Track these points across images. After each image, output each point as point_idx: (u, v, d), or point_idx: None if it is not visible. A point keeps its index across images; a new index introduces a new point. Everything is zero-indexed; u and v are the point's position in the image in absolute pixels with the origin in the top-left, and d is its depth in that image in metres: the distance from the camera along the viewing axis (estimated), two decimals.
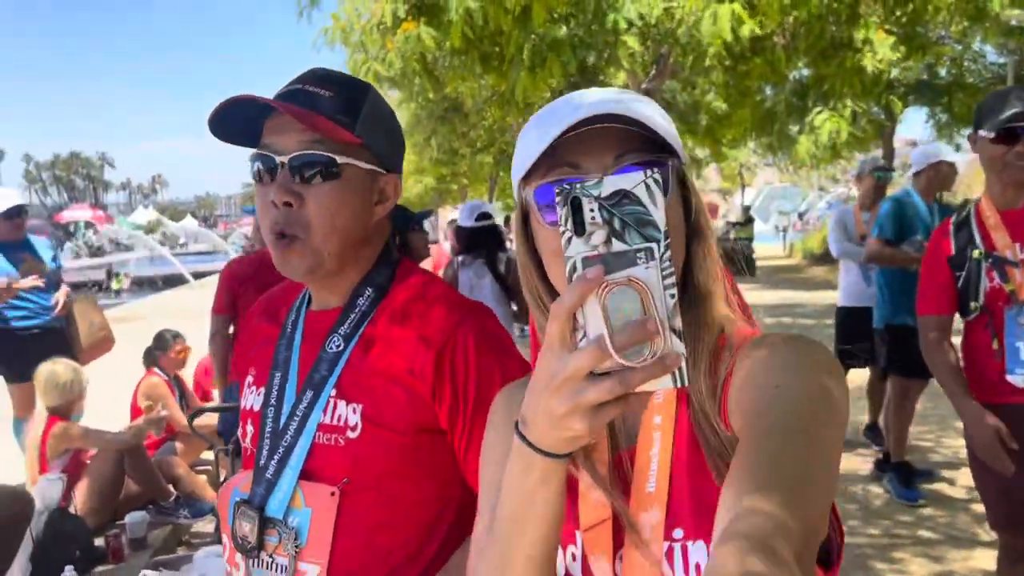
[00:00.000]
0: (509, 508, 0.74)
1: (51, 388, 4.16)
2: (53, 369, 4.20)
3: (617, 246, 0.66)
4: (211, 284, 4.38)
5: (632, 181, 0.66)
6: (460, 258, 4.66)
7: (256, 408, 1.19)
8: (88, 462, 4.26)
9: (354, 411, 1.10)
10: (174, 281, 23.27)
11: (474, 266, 4.56)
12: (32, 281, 4.59)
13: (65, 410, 4.15)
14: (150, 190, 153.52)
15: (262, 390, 1.19)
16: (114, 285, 24.97)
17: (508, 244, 5.40)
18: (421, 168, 20.55)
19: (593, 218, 0.66)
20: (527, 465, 0.70)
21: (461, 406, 1.11)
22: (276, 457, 1.11)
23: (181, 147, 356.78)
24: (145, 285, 25.07)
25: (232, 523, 1.13)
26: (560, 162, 0.80)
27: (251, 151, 1.15)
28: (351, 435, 1.09)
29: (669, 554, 0.76)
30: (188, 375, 5.39)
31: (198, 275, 23.38)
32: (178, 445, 4.84)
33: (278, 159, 1.09)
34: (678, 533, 0.77)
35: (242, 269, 4.07)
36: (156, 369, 4.97)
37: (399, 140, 1.23)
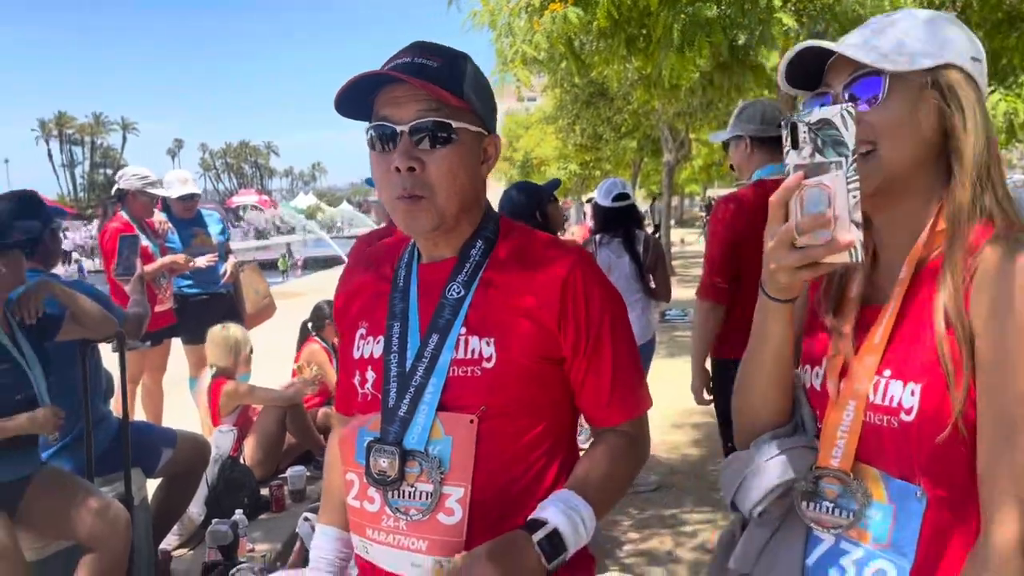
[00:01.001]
0: (753, 338, 1.13)
1: (220, 349, 4.56)
2: (222, 332, 4.60)
3: (817, 158, 0.93)
4: None
5: (832, 112, 0.93)
6: (598, 237, 4.71)
7: (376, 356, 1.29)
8: (255, 418, 4.64)
9: (487, 344, 1.21)
10: (332, 262, 24.63)
11: (612, 245, 4.60)
12: (207, 260, 5.03)
13: (233, 369, 4.53)
14: (310, 177, 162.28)
15: (380, 339, 1.29)
16: (280, 265, 26.72)
17: (646, 224, 5.39)
18: (565, 154, 20.63)
19: (804, 137, 0.94)
20: (761, 305, 1.08)
21: (583, 334, 1.23)
22: (407, 396, 1.22)
23: (338, 137, 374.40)
24: (310, 266, 26.82)
25: (367, 461, 1.23)
26: (822, 83, 1.11)
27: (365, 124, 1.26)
28: (487, 365, 1.20)
29: (875, 386, 1.05)
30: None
31: None
32: (330, 410, 5.17)
33: (398, 128, 1.19)
34: (886, 372, 1.04)
35: (383, 233, 4.32)
36: (316, 337, 5.33)
37: (494, 103, 1.32)
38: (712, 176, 27.88)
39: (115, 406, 3.44)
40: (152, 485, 3.46)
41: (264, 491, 4.26)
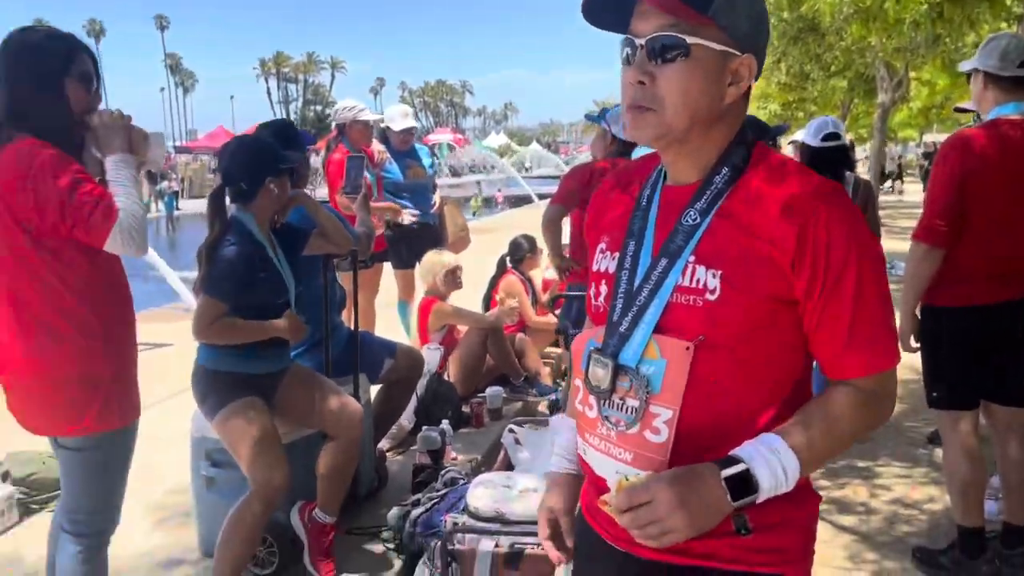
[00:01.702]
0: None
1: (431, 274, 4.91)
2: (435, 256, 4.96)
3: None
4: None
5: None
6: None
7: (610, 271, 1.32)
8: (459, 338, 4.99)
9: (713, 276, 1.20)
10: (522, 201, 25.16)
11: None
12: (409, 217, 5.35)
13: (443, 292, 4.88)
14: (501, 116, 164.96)
15: (616, 255, 1.33)
16: (472, 204, 27.69)
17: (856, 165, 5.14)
18: (767, 93, 19.64)
19: None
20: None
21: (820, 278, 1.18)
22: (630, 314, 1.25)
23: (529, 77, 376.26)
24: (505, 204, 27.65)
25: (586, 368, 1.29)
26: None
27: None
28: (709, 297, 1.19)
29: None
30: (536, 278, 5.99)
31: (542, 196, 24.98)
32: (526, 337, 5.43)
33: (637, 42, 1.21)
34: None
35: (581, 172, 4.43)
36: (514, 270, 5.60)
37: (762, 24, 1.28)
38: (931, 120, 25.58)
39: (345, 317, 3.84)
40: (373, 391, 3.85)
41: (465, 408, 4.60)
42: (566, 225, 4.24)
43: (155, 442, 2.41)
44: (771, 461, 1.14)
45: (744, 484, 1.13)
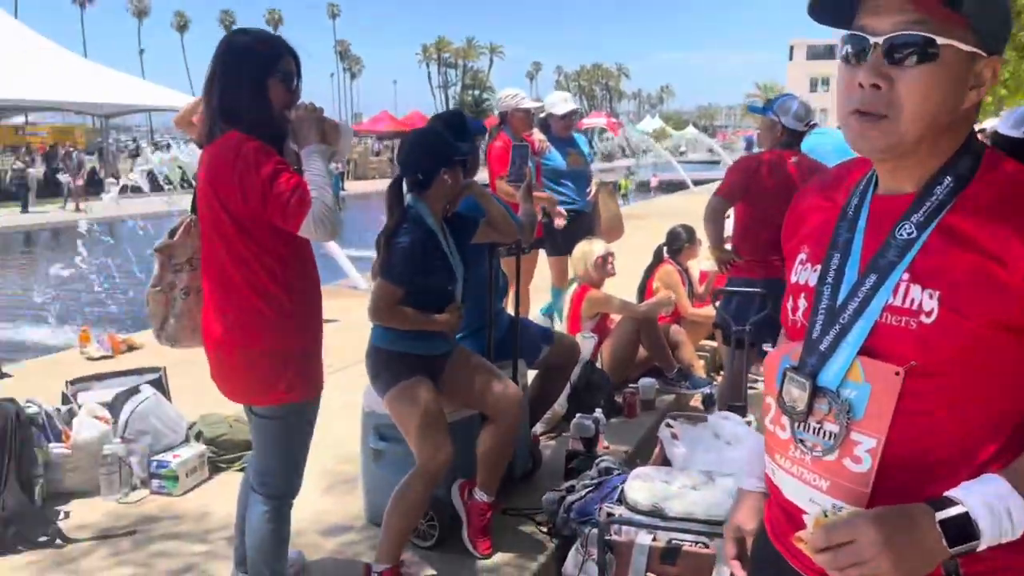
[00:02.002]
0: None
1: (584, 261, 4.94)
2: (588, 245, 4.98)
3: None
4: (710, 191, 4.65)
5: None
6: None
7: (811, 284, 1.23)
8: (611, 327, 5.00)
9: (930, 296, 1.09)
10: (678, 187, 24.70)
11: None
12: (561, 219, 5.33)
13: (596, 280, 4.91)
14: (657, 100, 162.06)
15: (817, 268, 1.23)
16: (621, 188, 27.41)
17: None
18: None
19: None
20: None
21: None
22: (832, 332, 1.16)
23: (687, 59, 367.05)
24: (659, 189, 27.24)
25: (780, 387, 1.22)
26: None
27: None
28: (925, 320, 1.08)
29: None
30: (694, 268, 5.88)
31: (698, 182, 24.41)
32: (681, 329, 5.36)
33: (871, 40, 1.09)
34: None
35: (747, 163, 4.31)
36: (671, 260, 5.53)
37: (1008, 23, 1.15)
38: None
39: (505, 303, 3.94)
40: (530, 376, 3.94)
41: (617, 397, 4.61)
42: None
43: (323, 412, 2.59)
44: (994, 506, 1.02)
45: (962, 530, 1.02)
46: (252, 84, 2.29)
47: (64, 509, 3.39)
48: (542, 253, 5.82)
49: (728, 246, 4.36)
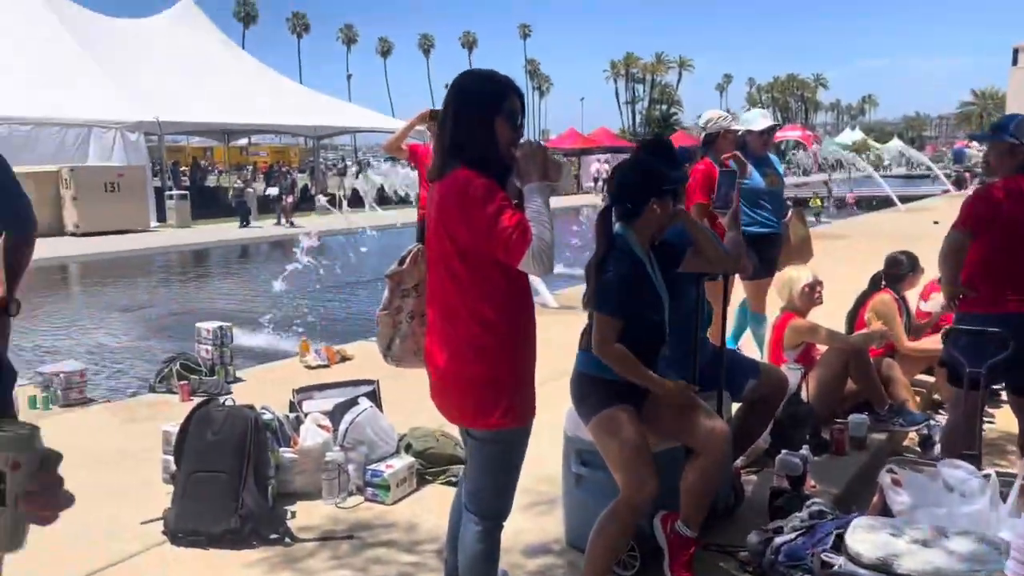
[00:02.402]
0: None
1: (789, 288, 4.73)
2: (791, 271, 4.78)
3: None
4: (919, 209, 4.29)
5: None
6: None
7: None
8: (817, 358, 4.76)
9: None
10: (882, 204, 23.16)
11: None
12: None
13: (801, 308, 4.68)
14: (857, 111, 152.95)
15: None
16: (811, 204, 26.06)
17: None
18: None
19: None
20: None
21: None
22: None
23: (892, 65, 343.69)
24: (861, 205, 25.70)
25: None
26: None
27: None
28: None
29: None
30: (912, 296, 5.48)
31: (905, 199, 22.77)
32: (894, 362, 5.01)
33: None
34: None
35: (990, 192, 3.94)
36: (890, 289, 5.18)
37: None
38: None
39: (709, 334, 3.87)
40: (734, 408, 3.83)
41: (824, 433, 4.37)
42: None
43: None
44: None
45: None
46: (480, 123, 2.40)
47: (291, 509, 3.69)
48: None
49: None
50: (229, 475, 3.39)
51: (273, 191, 23.55)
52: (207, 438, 3.46)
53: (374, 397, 4.39)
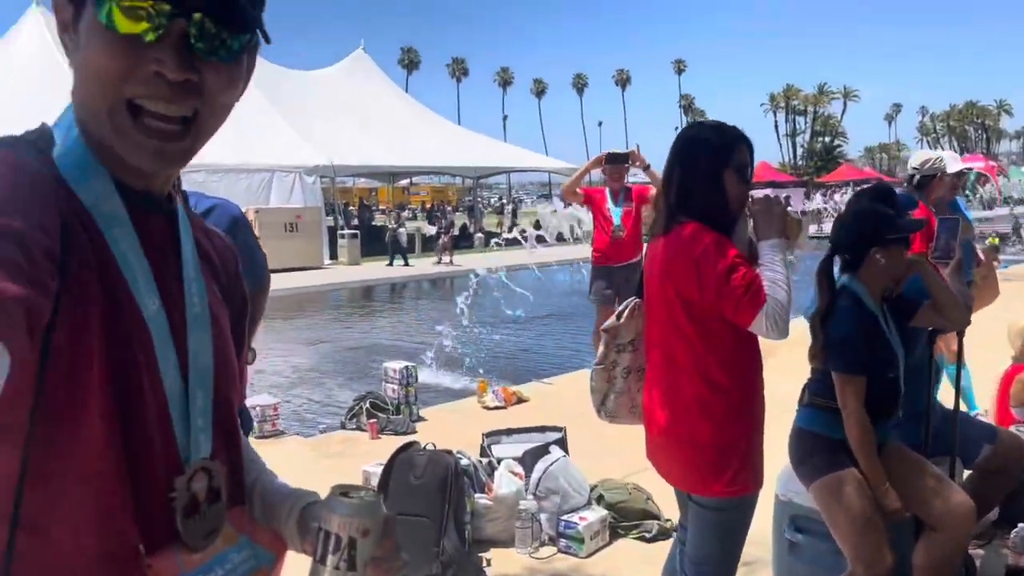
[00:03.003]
0: None
1: (1016, 336, 4.31)
2: (1017, 320, 4.35)
3: None
4: None
5: None
6: None
7: None
8: None
9: None
10: None
11: None
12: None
13: None
14: None
15: None
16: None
17: None
18: None
19: None
20: None
21: None
22: None
23: None
24: None
25: None
26: None
27: None
28: None
29: None
30: None
31: None
32: None
33: None
34: None
35: None
36: None
37: None
38: None
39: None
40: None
41: None
42: None
43: None
44: None
45: None
46: (708, 175, 2.32)
47: (486, 557, 3.68)
48: None
49: None
50: (431, 520, 3.42)
51: (431, 230, 24.25)
52: (410, 482, 3.51)
53: (562, 444, 4.35)
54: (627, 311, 2.60)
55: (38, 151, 0.86)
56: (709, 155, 2.33)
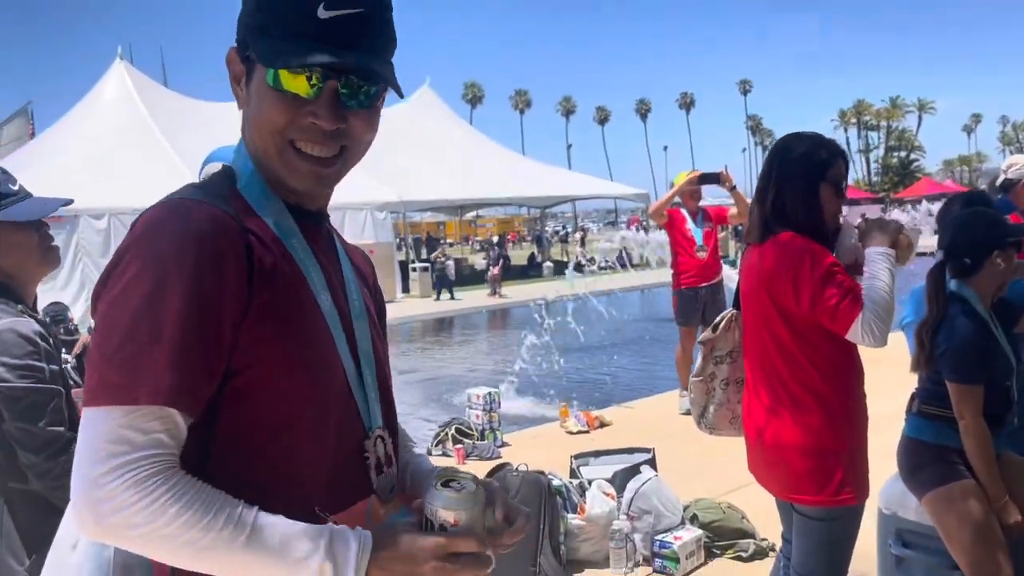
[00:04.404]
0: None
1: None
2: None
3: None
4: None
5: None
6: None
7: None
8: None
9: None
10: None
11: None
12: None
13: None
14: None
15: None
16: None
17: None
18: None
19: None
20: None
21: None
22: None
23: None
24: None
25: None
26: None
27: None
28: None
29: None
30: None
31: None
32: None
33: None
34: None
35: None
36: None
37: None
38: None
39: None
40: None
41: None
42: None
43: None
44: None
45: None
46: (805, 187, 2.32)
47: None
48: None
49: None
50: (526, 540, 3.44)
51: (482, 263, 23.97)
52: None
53: (652, 465, 4.32)
54: (723, 323, 2.60)
55: (229, 185, 1.10)
56: (806, 167, 2.33)
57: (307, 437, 1.03)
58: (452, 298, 21.56)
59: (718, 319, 2.63)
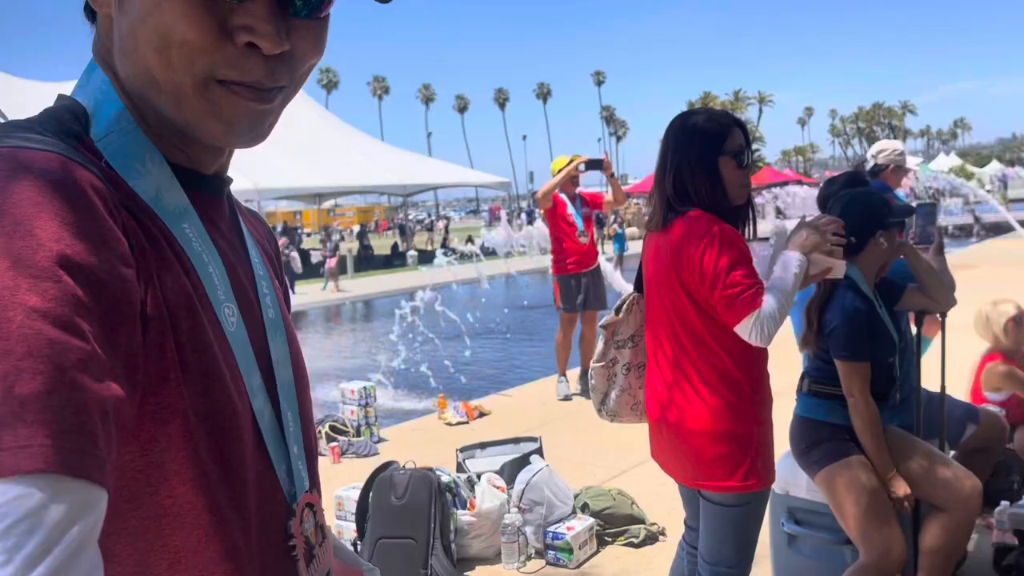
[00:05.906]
0: None
1: (991, 326, 4.32)
2: (990, 309, 4.37)
3: None
4: None
5: None
6: None
7: None
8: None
9: None
10: (1000, 229, 22.08)
11: None
12: None
13: (1007, 348, 4.24)
14: (949, 135, 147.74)
15: None
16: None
17: None
18: None
19: None
20: None
21: None
22: None
23: (984, 89, 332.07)
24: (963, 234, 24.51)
25: None
26: None
27: None
28: None
29: None
30: None
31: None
32: None
33: None
34: None
35: None
36: None
37: None
38: None
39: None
40: None
41: None
42: None
43: None
44: None
45: None
46: (705, 164, 2.24)
47: (472, 575, 3.52)
48: None
49: None
50: (417, 541, 3.26)
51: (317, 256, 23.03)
52: (392, 503, 3.34)
53: (541, 454, 4.23)
54: (625, 305, 2.50)
55: (75, 137, 0.67)
56: (702, 143, 2.25)
57: (213, 557, 0.66)
58: (292, 292, 20.61)
59: (620, 302, 2.53)
